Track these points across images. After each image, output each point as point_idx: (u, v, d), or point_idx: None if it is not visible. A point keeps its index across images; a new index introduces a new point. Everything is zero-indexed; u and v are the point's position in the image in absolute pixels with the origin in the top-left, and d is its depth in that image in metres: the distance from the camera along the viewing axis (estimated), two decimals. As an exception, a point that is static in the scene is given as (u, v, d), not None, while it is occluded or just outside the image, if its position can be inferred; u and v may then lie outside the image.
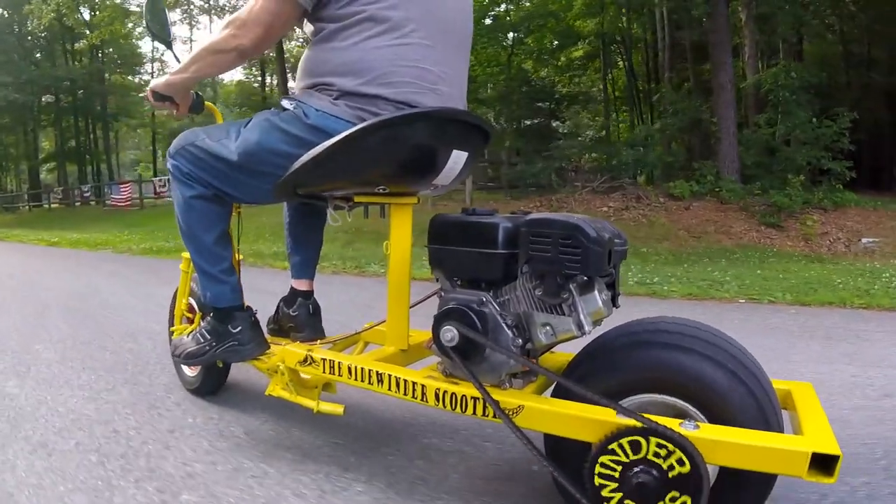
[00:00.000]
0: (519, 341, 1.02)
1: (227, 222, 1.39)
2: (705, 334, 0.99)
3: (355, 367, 1.20)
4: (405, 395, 1.13)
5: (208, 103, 1.52)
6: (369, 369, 1.18)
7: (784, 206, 8.37)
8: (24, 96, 22.48)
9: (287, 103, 1.21)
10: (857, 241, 7.52)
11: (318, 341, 1.49)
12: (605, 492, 0.92)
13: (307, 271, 1.64)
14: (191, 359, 1.42)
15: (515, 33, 15.53)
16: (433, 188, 1.26)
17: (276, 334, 1.67)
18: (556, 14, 15.15)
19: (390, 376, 1.15)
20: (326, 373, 1.25)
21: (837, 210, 8.66)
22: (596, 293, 1.00)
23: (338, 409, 1.27)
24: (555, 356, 1.30)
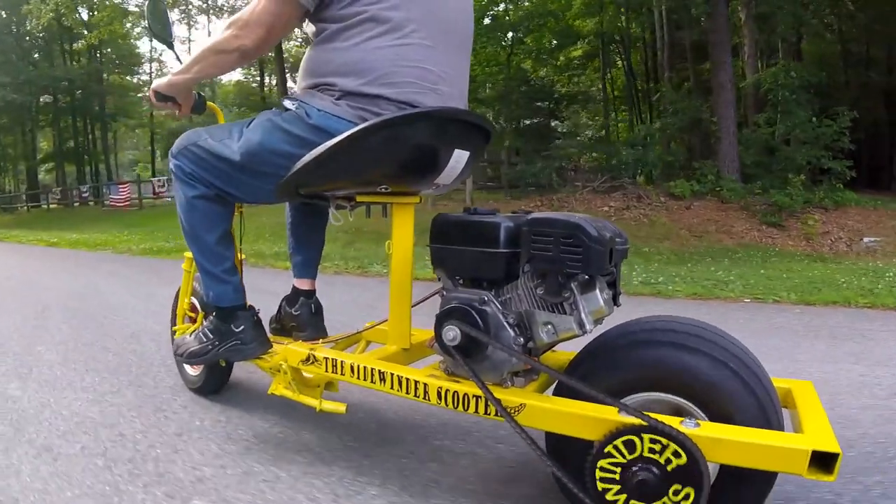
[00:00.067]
0: (521, 340, 1.03)
1: (230, 222, 1.39)
2: (706, 333, 0.99)
3: (358, 365, 1.20)
4: (407, 393, 1.14)
5: (210, 103, 1.53)
6: (372, 368, 1.18)
7: (785, 205, 8.37)
8: (22, 96, 22.44)
9: (289, 103, 1.21)
10: (858, 240, 7.52)
11: (320, 340, 1.49)
12: (609, 495, 0.92)
13: (309, 271, 1.65)
14: (193, 358, 1.42)
15: (515, 33, 15.53)
16: (435, 187, 1.26)
17: (279, 334, 1.67)
18: (555, 13, 15.15)
19: (393, 375, 1.15)
20: (329, 372, 1.25)
21: (838, 209, 8.66)
22: (597, 292, 1.00)
23: (340, 408, 1.28)
24: (556, 355, 1.31)
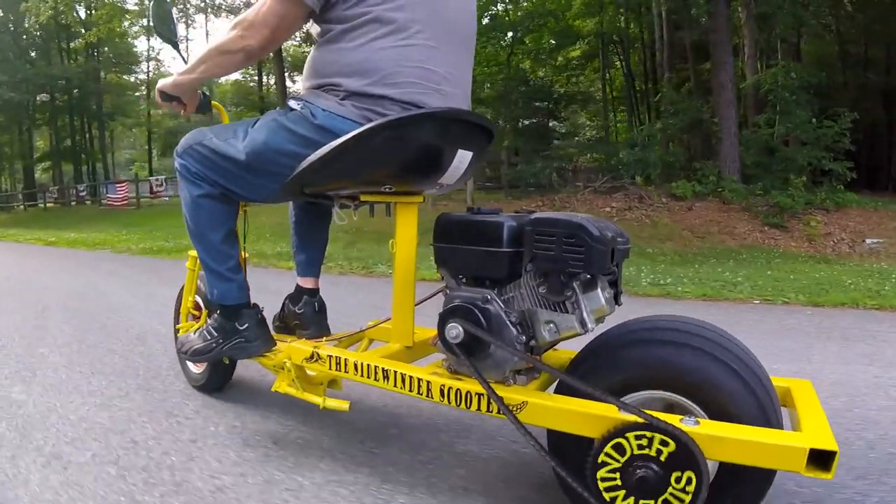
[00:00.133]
0: (523, 338, 1.04)
1: (234, 221, 1.40)
2: (706, 332, 1.01)
3: (361, 363, 1.21)
4: (410, 391, 1.15)
5: (215, 103, 1.54)
6: (375, 366, 1.19)
7: (787, 206, 8.36)
8: (19, 95, 22.38)
9: (294, 103, 1.22)
10: (860, 241, 7.53)
11: (323, 338, 1.50)
12: (619, 502, 0.94)
13: (313, 269, 1.66)
14: (198, 355, 1.43)
15: (515, 33, 15.54)
16: (439, 187, 1.28)
17: (282, 332, 1.68)
18: (555, 13, 15.17)
19: (396, 373, 1.16)
20: (333, 369, 1.26)
21: (839, 211, 8.64)
22: (599, 291, 1.01)
23: (343, 406, 1.29)
24: (558, 353, 1.32)
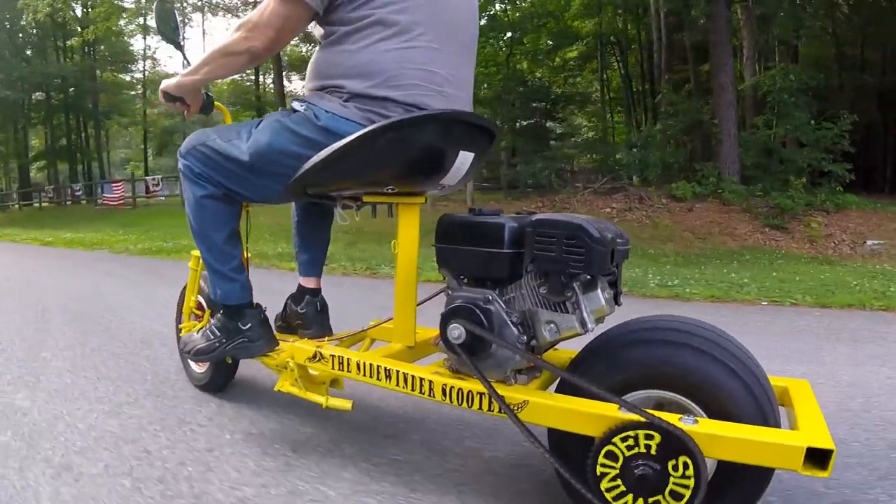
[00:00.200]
0: (524, 338, 1.05)
1: (238, 221, 1.41)
2: (706, 332, 1.02)
3: (364, 363, 1.23)
4: (413, 390, 1.16)
5: (218, 103, 1.55)
6: (377, 365, 1.21)
7: (787, 207, 8.35)
8: (14, 93, 22.22)
9: (298, 105, 1.23)
10: (861, 243, 7.52)
11: (325, 338, 1.51)
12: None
13: (315, 269, 1.67)
14: (201, 355, 1.44)
15: (513, 33, 15.56)
16: (441, 188, 1.29)
17: (284, 331, 1.68)
18: (554, 14, 15.19)
19: (398, 372, 1.17)
20: (335, 369, 1.27)
21: (839, 212, 8.63)
22: (599, 291, 1.02)
23: (346, 405, 1.30)
24: (558, 353, 1.34)
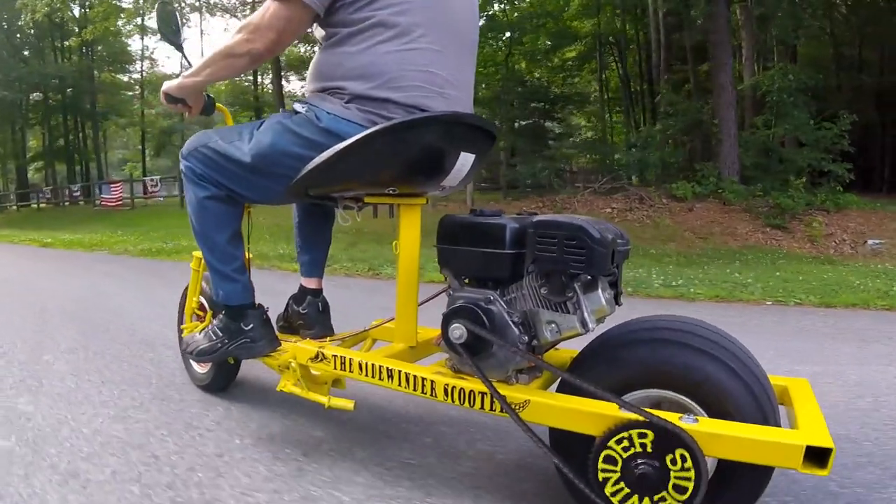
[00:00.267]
0: (525, 338, 1.06)
1: (239, 222, 1.41)
2: (706, 332, 1.03)
3: (366, 363, 1.23)
4: (414, 390, 1.16)
5: (219, 105, 1.55)
6: (379, 365, 1.21)
7: (787, 207, 8.38)
8: (12, 94, 22.18)
9: (299, 107, 1.24)
10: (862, 242, 7.53)
11: (327, 338, 1.52)
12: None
13: (316, 270, 1.67)
14: (203, 356, 1.44)
15: (512, 33, 15.56)
16: (442, 189, 1.30)
17: (286, 332, 1.69)
18: (553, 14, 15.19)
19: (400, 372, 1.18)
20: (337, 369, 1.28)
21: (839, 212, 8.65)
22: (599, 292, 1.03)
23: (348, 405, 1.30)
24: (559, 353, 1.35)
